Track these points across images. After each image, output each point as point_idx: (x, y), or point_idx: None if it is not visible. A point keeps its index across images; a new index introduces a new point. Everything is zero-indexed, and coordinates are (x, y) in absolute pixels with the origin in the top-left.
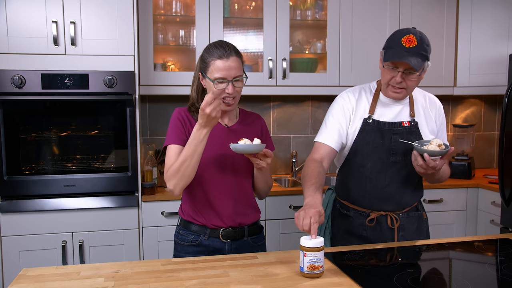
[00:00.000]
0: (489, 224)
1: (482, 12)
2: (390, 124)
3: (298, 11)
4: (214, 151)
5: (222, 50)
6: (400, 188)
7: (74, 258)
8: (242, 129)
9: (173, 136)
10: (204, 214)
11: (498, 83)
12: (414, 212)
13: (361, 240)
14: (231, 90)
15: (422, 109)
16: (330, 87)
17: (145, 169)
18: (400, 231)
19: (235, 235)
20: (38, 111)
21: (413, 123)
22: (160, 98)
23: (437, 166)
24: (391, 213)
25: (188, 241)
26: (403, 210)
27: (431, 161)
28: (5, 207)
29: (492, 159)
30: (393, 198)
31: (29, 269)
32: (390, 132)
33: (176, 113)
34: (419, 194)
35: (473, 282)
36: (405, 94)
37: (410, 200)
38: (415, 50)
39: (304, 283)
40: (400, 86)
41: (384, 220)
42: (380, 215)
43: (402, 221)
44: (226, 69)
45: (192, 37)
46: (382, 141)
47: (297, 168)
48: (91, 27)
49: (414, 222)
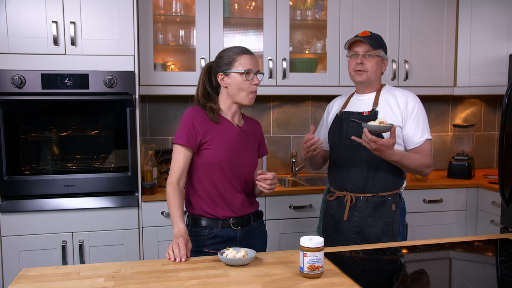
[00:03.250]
0: (489, 224)
1: (482, 12)
2: (349, 113)
3: (298, 11)
4: (228, 149)
5: (244, 48)
6: (357, 170)
7: (74, 258)
8: (249, 130)
9: (182, 136)
10: (216, 207)
11: (498, 83)
12: (377, 199)
13: (330, 217)
14: (257, 81)
15: (386, 101)
16: (330, 87)
17: (145, 169)
18: (355, 212)
19: (244, 222)
20: (38, 111)
21: (372, 112)
22: (160, 98)
23: (378, 141)
24: (351, 193)
25: (203, 235)
26: (364, 194)
27: (368, 134)
28: (5, 207)
29: (492, 159)
30: (350, 179)
31: (29, 269)
32: (347, 120)
33: (189, 112)
34: (385, 183)
35: (473, 282)
36: (368, 76)
37: (370, 185)
38: (367, 37)
39: (304, 283)
40: (361, 68)
41: (343, 199)
42: (343, 195)
43: (359, 203)
44: (252, 62)
45: (192, 37)
46: (341, 128)
47: (297, 168)
48: (91, 27)
49: (370, 207)
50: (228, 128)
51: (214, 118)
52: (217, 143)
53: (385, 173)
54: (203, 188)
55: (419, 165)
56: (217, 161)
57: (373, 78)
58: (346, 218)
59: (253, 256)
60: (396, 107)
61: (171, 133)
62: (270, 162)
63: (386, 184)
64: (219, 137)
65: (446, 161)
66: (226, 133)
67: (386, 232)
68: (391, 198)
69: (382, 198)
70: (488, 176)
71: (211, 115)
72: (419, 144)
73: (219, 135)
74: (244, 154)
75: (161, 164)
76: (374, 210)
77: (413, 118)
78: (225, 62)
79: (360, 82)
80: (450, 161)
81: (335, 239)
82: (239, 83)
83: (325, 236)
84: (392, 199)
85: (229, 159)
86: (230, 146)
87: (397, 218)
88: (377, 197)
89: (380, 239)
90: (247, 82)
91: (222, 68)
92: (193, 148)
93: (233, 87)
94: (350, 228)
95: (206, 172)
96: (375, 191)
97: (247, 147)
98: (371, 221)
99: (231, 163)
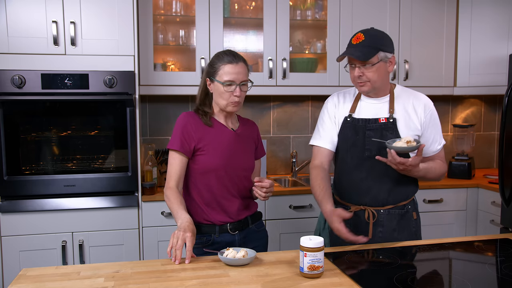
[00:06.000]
0: (489, 224)
1: (482, 12)
2: (365, 120)
3: (298, 11)
4: (224, 154)
5: (232, 56)
6: (377, 183)
7: (74, 258)
8: (244, 133)
9: (176, 141)
10: (213, 213)
11: (498, 83)
12: (400, 210)
13: None
14: (238, 93)
15: (403, 107)
16: (330, 87)
17: (145, 169)
18: (379, 227)
19: (242, 226)
20: (38, 111)
21: (390, 120)
22: (160, 98)
23: (407, 162)
24: (370, 208)
25: (201, 243)
26: (384, 207)
27: (396, 157)
28: (5, 207)
29: (492, 159)
30: (369, 193)
31: (29, 269)
32: (364, 128)
33: (183, 117)
34: (406, 193)
35: (473, 282)
36: (371, 86)
37: (391, 197)
38: (361, 44)
39: (304, 283)
40: (361, 80)
41: (362, 215)
42: (360, 210)
43: (380, 217)
44: (235, 73)
45: (192, 37)
46: (357, 137)
47: (297, 168)
48: (91, 27)
49: (394, 220)
50: (222, 132)
51: (207, 121)
52: (212, 148)
53: (407, 182)
54: (199, 194)
55: (440, 175)
56: (213, 167)
57: (378, 85)
58: (371, 235)
59: (253, 256)
60: (414, 115)
61: (171, 133)
62: (270, 162)
63: (407, 194)
64: (214, 142)
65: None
66: (220, 138)
67: None
68: (411, 206)
69: (404, 208)
70: (488, 176)
71: (203, 118)
72: (437, 151)
73: (213, 140)
74: (240, 159)
75: (161, 164)
76: (398, 222)
77: (432, 125)
78: (211, 68)
79: (363, 92)
80: (450, 161)
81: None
82: (221, 93)
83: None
84: (412, 207)
85: (225, 165)
86: (225, 151)
87: (419, 225)
88: (398, 208)
89: None
90: (228, 93)
91: (209, 74)
92: (187, 154)
93: (216, 94)
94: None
95: (202, 178)
96: (396, 202)
97: (243, 150)
98: (396, 234)
99: (227, 168)
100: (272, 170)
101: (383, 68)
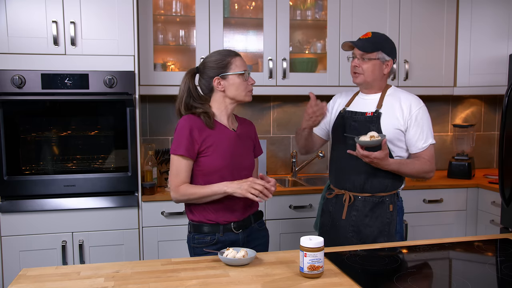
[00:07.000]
0: (489, 224)
1: (482, 12)
2: (352, 112)
3: (298, 11)
4: (227, 154)
5: (231, 50)
6: (356, 169)
7: (74, 258)
8: (244, 133)
9: (181, 146)
10: (217, 212)
11: (498, 83)
12: (376, 199)
13: (328, 214)
14: (253, 80)
15: (390, 104)
16: (330, 87)
17: (145, 169)
18: (353, 211)
19: (245, 225)
20: (38, 111)
21: (375, 114)
22: (160, 98)
23: (371, 155)
24: (350, 192)
25: (205, 242)
26: (362, 194)
27: (360, 150)
28: (5, 207)
29: (492, 159)
30: (349, 179)
31: (29, 269)
32: (350, 120)
33: (185, 122)
34: (383, 185)
35: (473, 282)
36: (363, 79)
37: (368, 185)
38: (366, 39)
39: (304, 283)
40: (356, 70)
41: (342, 197)
42: (341, 194)
43: (357, 202)
44: (244, 63)
45: (192, 37)
46: (344, 127)
47: (297, 168)
48: (91, 27)
49: (368, 206)
50: (224, 133)
51: (209, 123)
52: (215, 150)
53: (385, 175)
54: None
55: (419, 172)
56: (217, 168)
57: (370, 80)
58: (344, 216)
59: (253, 256)
60: (399, 112)
61: (171, 133)
62: (270, 162)
63: (385, 186)
64: (217, 144)
65: (446, 161)
66: (223, 139)
67: (383, 232)
68: (389, 199)
69: (380, 199)
70: (488, 176)
71: (206, 120)
72: (422, 149)
73: (216, 141)
74: (242, 158)
75: (161, 164)
76: (372, 210)
77: (417, 123)
78: (220, 65)
79: (356, 83)
80: (450, 161)
81: (331, 236)
82: (238, 85)
83: (321, 232)
84: (390, 199)
85: (228, 165)
86: (228, 152)
87: (394, 218)
88: (375, 197)
89: (377, 238)
90: (245, 82)
91: (218, 72)
92: (192, 158)
93: (231, 89)
94: (348, 227)
95: (206, 179)
96: (374, 191)
97: (244, 150)
98: (368, 220)
99: (230, 169)
100: (272, 170)
101: (378, 66)
